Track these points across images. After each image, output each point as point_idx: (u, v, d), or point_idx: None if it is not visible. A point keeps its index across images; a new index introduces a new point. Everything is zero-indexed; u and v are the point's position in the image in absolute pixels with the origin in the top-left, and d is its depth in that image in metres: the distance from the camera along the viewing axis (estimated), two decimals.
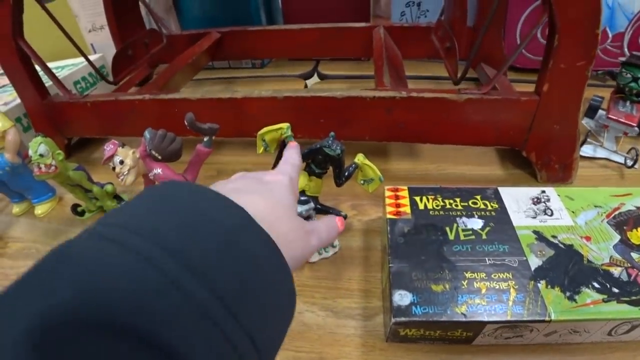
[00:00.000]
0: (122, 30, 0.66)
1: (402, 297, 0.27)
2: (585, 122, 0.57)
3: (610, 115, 0.53)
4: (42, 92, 0.54)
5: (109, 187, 0.44)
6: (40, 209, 0.50)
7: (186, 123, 0.35)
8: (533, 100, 0.39)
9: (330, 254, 0.37)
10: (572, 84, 0.37)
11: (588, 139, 0.52)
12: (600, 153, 0.53)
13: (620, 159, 0.51)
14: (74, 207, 0.46)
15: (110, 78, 0.61)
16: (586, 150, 0.53)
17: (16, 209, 0.50)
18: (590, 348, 0.29)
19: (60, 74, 0.63)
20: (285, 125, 0.34)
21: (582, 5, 0.34)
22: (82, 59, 0.58)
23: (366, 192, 0.35)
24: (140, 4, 0.68)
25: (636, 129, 0.53)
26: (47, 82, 0.54)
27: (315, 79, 0.74)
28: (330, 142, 0.32)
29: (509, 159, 0.49)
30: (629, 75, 0.52)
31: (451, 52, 0.53)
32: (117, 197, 0.46)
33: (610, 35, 0.71)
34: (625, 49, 0.73)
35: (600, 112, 0.56)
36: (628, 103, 0.54)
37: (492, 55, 0.59)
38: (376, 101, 0.41)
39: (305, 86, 0.71)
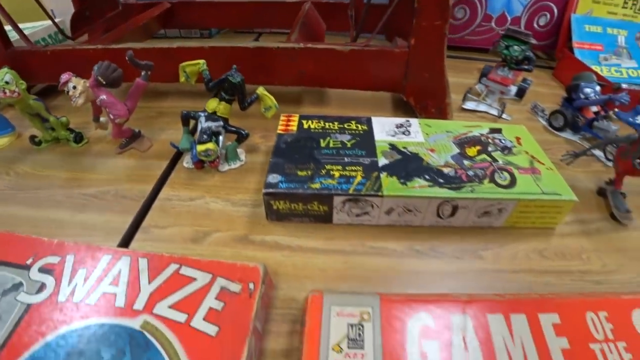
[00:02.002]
0: None
1: (274, 178, 0.37)
2: (477, 86, 0.68)
3: (489, 77, 0.65)
4: (6, 42, 0.60)
5: (64, 119, 0.52)
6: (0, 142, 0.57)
7: (127, 58, 0.43)
8: (404, 52, 0.49)
9: (238, 166, 0.46)
10: (433, 39, 0.48)
11: (469, 95, 0.64)
12: (481, 107, 0.64)
13: (495, 112, 0.63)
14: (32, 138, 0.53)
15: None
16: (469, 104, 0.64)
17: None
18: (427, 231, 0.40)
19: None
20: (202, 61, 0.43)
21: None
22: (40, 22, 0.65)
23: (275, 127, 0.45)
24: None
25: (511, 88, 0.64)
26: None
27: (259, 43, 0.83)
28: (233, 72, 0.41)
29: (400, 107, 0.59)
30: (503, 44, 0.63)
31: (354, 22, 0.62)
32: (70, 129, 0.53)
33: (509, 18, 0.83)
34: (523, 30, 0.85)
35: None
36: (507, 69, 0.65)
37: (405, 29, 0.69)
38: (281, 51, 0.50)
39: None
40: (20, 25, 0.75)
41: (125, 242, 0.38)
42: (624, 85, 0.60)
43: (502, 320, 0.28)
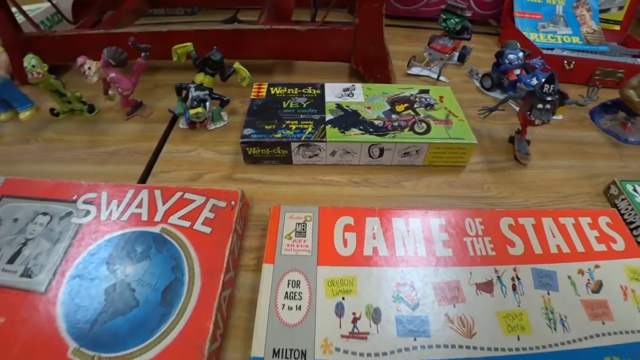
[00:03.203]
0: None
1: (248, 131, 0.50)
2: (424, 53, 0.81)
3: (430, 46, 0.77)
4: (18, 29, 0.71)
5: (78, 93, 0.64)
6: (23, 115, 0.66)
7: (130, 44, 0.55)
8: (351, 30, 0.61)
9: (221, 125, 0.59)
10: (373, 18, 0.60)
11: (413, 62, 0.76)
12: (423, 72, 0.77)
13: (434, 75, 0.75)
14: (52, 110, 0.65)
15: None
16: (414, 70, 0.77)
17: (3, 116, 0.67)
18: (363, 168, 0.53)
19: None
20: (189, 44, 0.55)
21: None
22: (38, 5, 0.76)
23: (250, 94, 0.58)
24: None
25: (447, 56, 0.77)
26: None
27: (235, 25, 0.93)
28: (214, 52, 0.54)
29: (354, 74, 0.72)
30: (442, 17, 0.75)
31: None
32: (83, 102, 0.65)
33: None
34: (472, 3, 0.96)
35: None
36: (448, 38, 0.78)
37: None
38: (252, 32, 0.62)
39: None
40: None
41: (141, 183, 0.52)
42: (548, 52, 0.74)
43: (402, 222, 0.42)
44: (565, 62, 0.76)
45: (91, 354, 0.34)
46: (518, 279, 0.38)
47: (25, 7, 0.86)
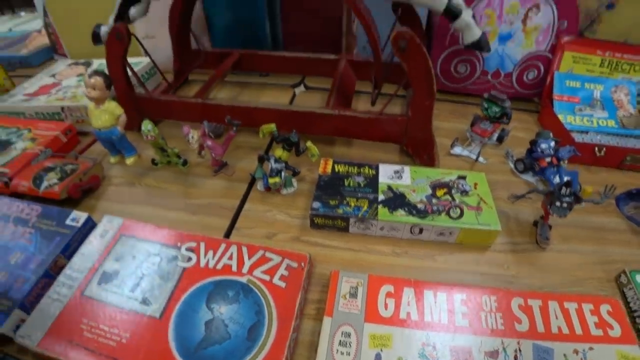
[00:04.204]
0: (178, 47, 1.01)
1: (316, 204, 0.63)
2: (467, 132, 0.92)
3: (473, 129, 0.88)
4: (131, 88, 0.89)
5: (176, 150, 0.79)
6: (129, 161, 0.81)
7: (226, 120, 0.70)
8: (405, 119, 0.74)
9: (292, 191, 0.73)
10: (424, 112, 0.72)
11: (456, 143, 0.88)
12: (464, 152, 0.88)
13: (474, 157, 0.86)
14: (152, 160, 0.81)
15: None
16: (456, 150, 0.88)
17: (113, 159, 0.81)
18: (405, 241, 0.65)
19: None
20: (273, 125, 0.69)
21: (423, 72, 0.68)
22: (137, 59, 0.94)
23: (316, 164, 0.71)
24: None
25: (486, 140, 0.87)
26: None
27: (302, 88, 1.09)
28: (292, 134, 0.68)
29: (403, 151, 0.84)
30: (485, 105, 0.86)
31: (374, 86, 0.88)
32: (179, 156, 0.81)
33: (502, 73, 1.04)
34: (514, 83, 1.07)
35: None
36: (488, 122, 0.89)
37: None
38: (321, 115, 0.77)
39: (294, 93, 1.07)
40: None
41: (227, 236, 0.66)
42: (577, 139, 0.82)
43: (431, 294, 0.54)
44: (597, 148, 0.83)
45: None
46: (520, 351, 0.48)
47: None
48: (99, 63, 1.11)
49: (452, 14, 0.67)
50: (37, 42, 1.45)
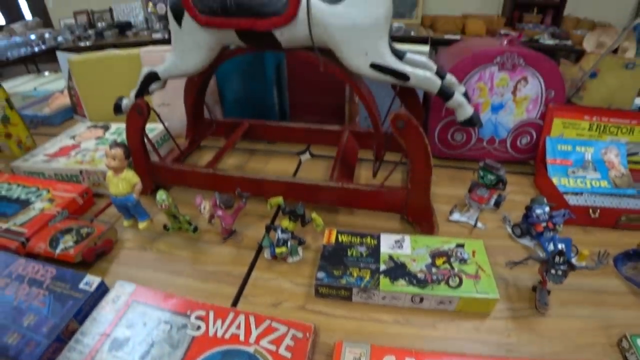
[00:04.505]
0: (192, 118, 1.07)
1: (321, 274, 0.66)
2: (466, 198, 0.96)
3: (470, 196, 0.92)
4: (147, 156, 0.94)
5: (187, 217, 0.83)
6: (141, 225, 0.83)
7: (236, 193, 0.75)
8: (404, 191, 0.78)
9: (297, 259, 0.76)
10: (422, 185, 0.76)
11: (454, 209, 0.92)
12: (462, 218, 0.92)
13: (472, 223, 0.90)
14: (164, 226, 0.85)
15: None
16: (455, 216, 0.92)
17: (126, 223, 0.84)
18: (407, 310, 0.67)
19: None
20: (280, 198, 0.74)
21: (419, 149, 0.73)
22: (152, 125, 1.00)
23: (321, 234, 0.75)
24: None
25: (484, 206, 0.91)
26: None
27: (307, 156, 1.15)
28: (299, 207, 0.72)
29: (404, 219, 0.88)
30: (480, 173, 0.91)
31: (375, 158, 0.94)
32: (190, 223, 0.85)
33: (497, 140, 1.10)
34: (509, 149, 1.12)
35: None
36: (485, 189, 0.93)
37: None
38: (326, 187, 0.81)
39: (300, 161, 1.12)
40: None
41: (234, 304, 0.68)
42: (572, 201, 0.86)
43: None
44: (591, 210, 0.86)
45: None
46: None
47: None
48: (117, 127, 1.19)
49: (445, 95, 0.73)
50: (58, 102, 1.56)
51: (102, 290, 0.66)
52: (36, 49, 4.48)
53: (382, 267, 0.69)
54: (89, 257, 0.75)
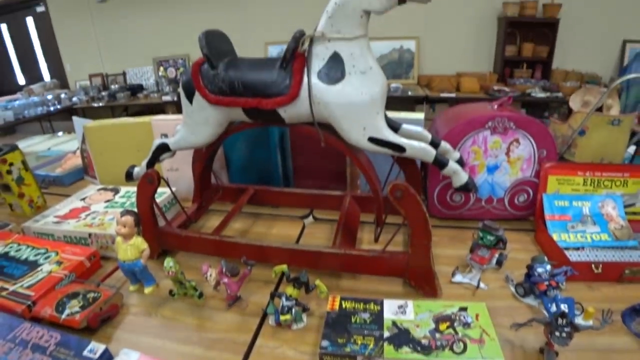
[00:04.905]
0: (200, 185, 1.11)
1: (325, 343, 0.67)
2: (467, 259, 0.97)
3: (471, 257, 0.94)
4: (155, 223, 0.97)
5: (193, 283, 0.85)
6: (147, 290, 0.84)
7: (242, 260, 0.77)
8: (405, 256, 0.80)
9: (302, 326, 0.77)
10: (422, 249, 0.78)
11: (456, 271, 0.93)
12: (464, 280, 0.92)
13: (475, 284, 0.91)
14: (170, 291, 0.86)
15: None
16: (457, 278, 0.92)
17: (132, 288, 0.85)
18: None
19: None
20: (284, 266, 0.76)
21: (418, 216, 0.76)
22: (160, 189, 1.03)
23: (325, 300, 0.76)
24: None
25: (485, 266, 0.92)
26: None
27: (310, 219, 1.17)
28: (302, 274, 0.74)
29: (406, 283, 0.89)
30: (480, 234, 0.93)
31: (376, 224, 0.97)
32: (195, 289, 0.86)
33: (494, 200, 1.12)
34: (507, 207, 1.14)
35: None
36: (486, 249, 0.95)
37: None
38: (328, 254, 0.84)
39: (304, 224, 1.15)
40: None
41: None
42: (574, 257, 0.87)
43: None
44: (593, 265, 0.86)
45: None
46: None
47: None
48: (126, 191, 1.23)
49: (439, 164, 0.77)
50: (71, 162, 1.64)
51: (107, 358, 0.66)
52: (52, 109, 4.72)
53: (386, 333, 0.69)
54: (94, 323, 0.76)
